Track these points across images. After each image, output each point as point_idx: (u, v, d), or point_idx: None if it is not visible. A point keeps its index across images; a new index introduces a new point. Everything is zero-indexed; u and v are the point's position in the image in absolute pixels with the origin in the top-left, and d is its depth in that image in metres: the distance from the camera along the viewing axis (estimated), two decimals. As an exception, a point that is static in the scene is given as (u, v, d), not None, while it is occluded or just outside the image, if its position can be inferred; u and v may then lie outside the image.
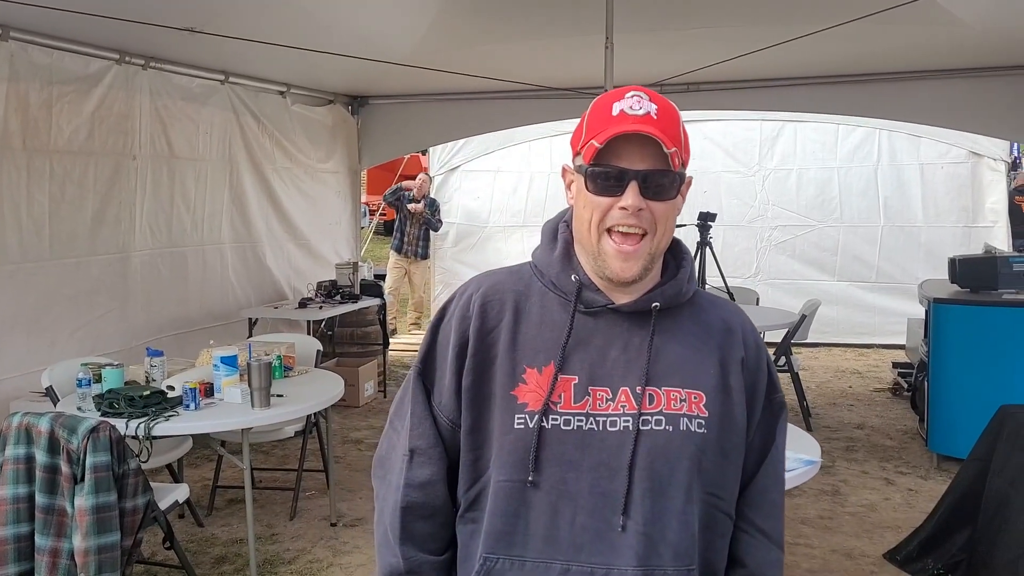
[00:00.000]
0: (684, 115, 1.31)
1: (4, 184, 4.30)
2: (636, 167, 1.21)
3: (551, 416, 1.23)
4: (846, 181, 8.27)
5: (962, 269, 5.06)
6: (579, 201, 1.26)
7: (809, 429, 5.33)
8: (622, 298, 1.27)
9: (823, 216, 8.34)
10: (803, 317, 5.56)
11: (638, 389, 1.23)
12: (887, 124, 7.79)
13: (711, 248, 6.10)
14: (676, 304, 1.29)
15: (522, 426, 1.24)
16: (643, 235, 1.22)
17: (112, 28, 4.29)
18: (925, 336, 5.30)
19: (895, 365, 6.93)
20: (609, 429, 1.23)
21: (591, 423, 1.23)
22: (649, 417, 1.23)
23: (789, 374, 5.66)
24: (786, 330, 5.55)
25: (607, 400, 1.24)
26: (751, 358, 1.32)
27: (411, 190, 8.62)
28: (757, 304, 6.55)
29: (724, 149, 8.48)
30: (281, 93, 6.63)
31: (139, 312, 5.22)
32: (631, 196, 1.21)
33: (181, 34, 4.51)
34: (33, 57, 4.42)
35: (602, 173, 1.22)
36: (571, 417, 1.23)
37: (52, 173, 4.58)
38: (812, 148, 8.35)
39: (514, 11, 4.83)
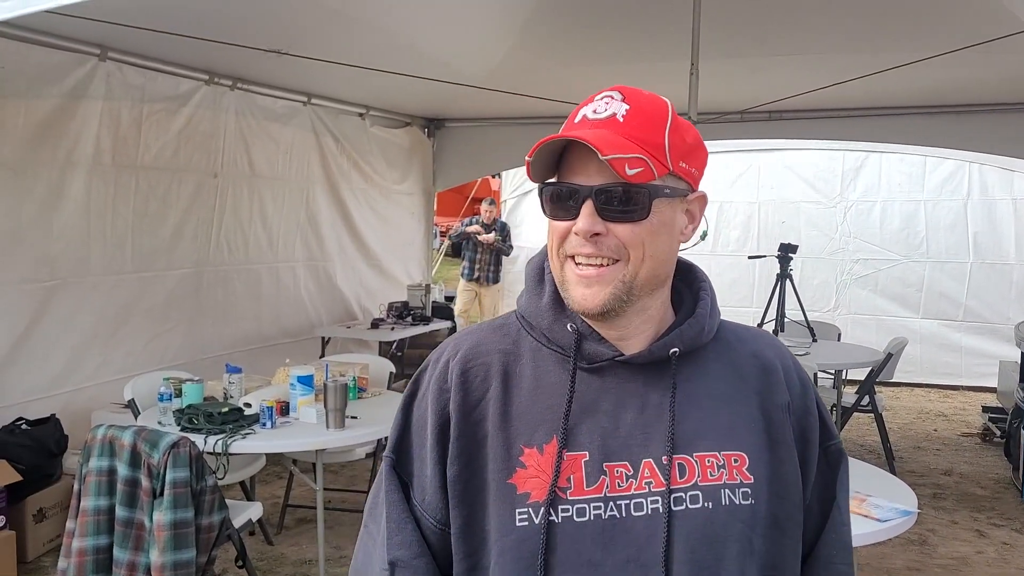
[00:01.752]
0: (766, 143, 1.15)
1: (93, 199, 4.42)
2: (592, 182, 0.97)
3: (560, 507, 0.97)
4: (933, 215, 7.98)
5: (1064, 311, 4.80)
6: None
7: (893, 472, 5.09)
8: (632, 347, 1.02)
9: (908, 251, 8.05)
10: (889, 355, 5.34)
11: (664, 459, 0.98)
12: (978, 157, 7.50)
13: (791, 280, 5.93)
14: (699, 345, 1.05)
15: (525, 523, 0.98)
16: (611, 263, 0.98)
17: (202, 50, 4.40)
18: (1022, 380, 5.03)
19: (985, 409, 6.61)
20: (635, 514, 0.97)
21: (612, 509, 0.97)
22: (683, 494, 0.98)
23: (873, 414, 5.44)
24: (870, 368, 5.33)
25: (628, 478, 0.99)
26: (798, 400, 1.07)
27: (478, 233, 8.57)
28: (839, 340, 6.33)
29: (804, 179, 8.27)
30: (360, 115, 6.70)
31: (211, 326, 5.30)
32: (583, 218, 0.97)
33: (267, 56, 4.59)
34: (128, 77, 4.56)
35: (554, 192, 1.00)
36: (585, 505, 0.98)
37: (138, 188, 4.70)
38: (898, 180, 8.08)
39: (597, 36, 4.79)
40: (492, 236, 8.55)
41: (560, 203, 1.00)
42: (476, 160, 7.88)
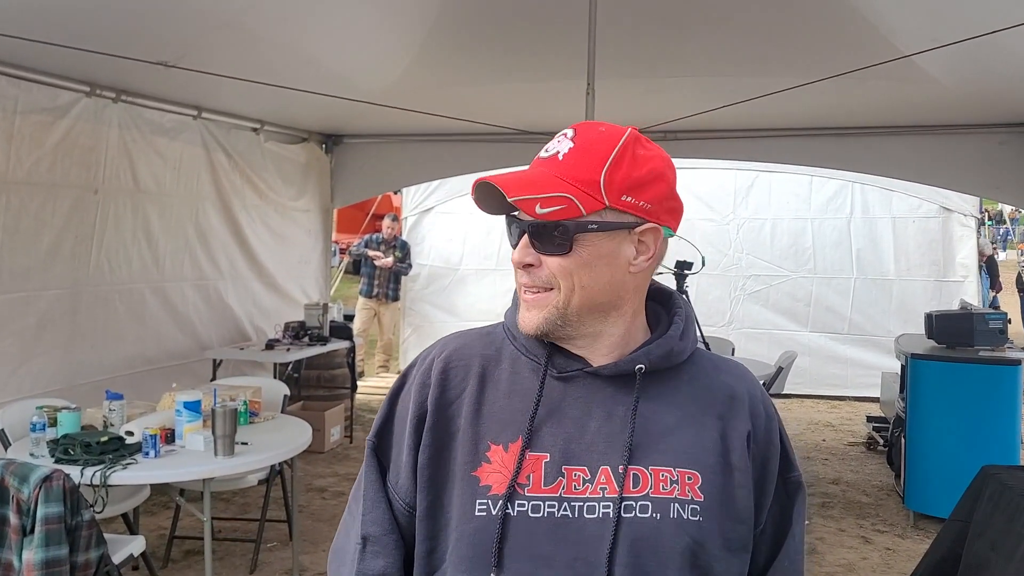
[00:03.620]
0: None
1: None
2: (529, 217, 1.05)
3: (517, 501, 1.05)
4: (820, 232, 8.32)
5: (939, 325, 5.05)
6: None
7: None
8: (601, 360, 1.10)
9: (796, 266, 8.37)
10: (779, 369, 5.51)
11: (620, 468, 1.05)
12: (860, 177, 7.87)
13: (687, 297, 6.05)
14: (668, 366, 1.11)
15: (484, 513, 1.05)
16: (544, 290, 1.07)
17: (84, 60, 4.19)
18: (902, 391, 5.27)
19: (869, 419, 6.90)
20: (587, 516, 1.04)
21: (565, 509, 1.04)
22: (633, 502, 1.04)
23: (765, 426, 5.59)
24: (762, 382, 5.48)
25: (584, 481, 1.05)
26: (761, 431, 1.12)
27: (377, 258, 8.47)
28: (732, 354, 6.49)
29: (699, 197, 8.50)
30: (255, 130, 6.52)
31: (90, 350, 5.01)
32: (517, 250, 1.08)
33: (154, 68, 4.40)
34: (0, 88, 4.29)
35: (505, 225, 1.11)
36: (541, 502, 1.05)
37: (8, 204, 4.42)
38: (786, 198, 8.41)
39: (494, 54, 4.80)
40: (390, 260, 8.45)
41: (510, 235, 1.11)
42: (376, 176, 7.78)
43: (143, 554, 3.50)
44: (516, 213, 1.08)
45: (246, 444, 3.51)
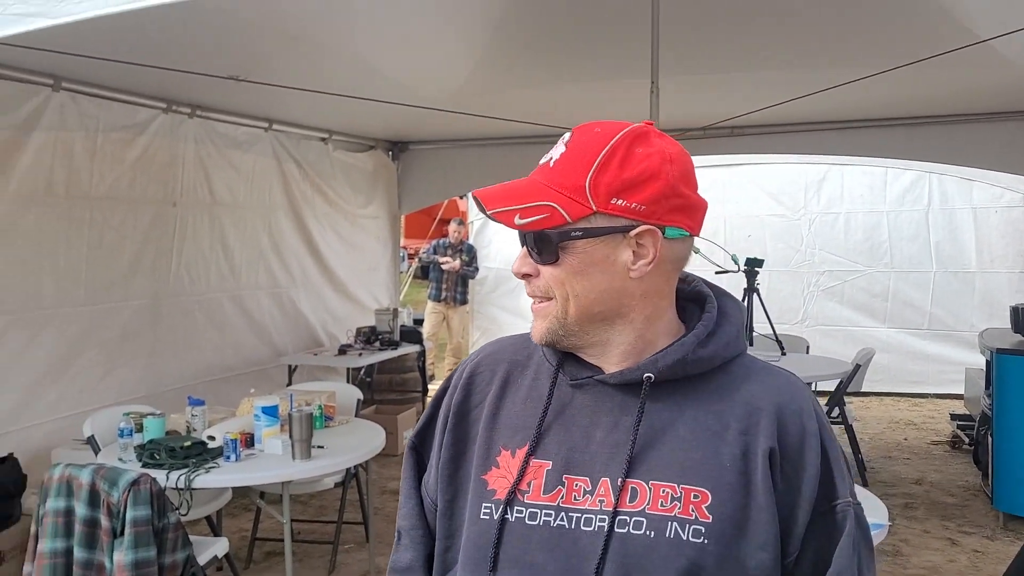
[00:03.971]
0: (729, 158, 1.14)
1: (44, 232, 4.33)
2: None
3: (516, 507, 1.04)
4: (896, 225, 8.08)
5: (1026, 318, 4.86)
6: None
7: (865, 484, 5.11)
8: (613, 368, 1.06)
9: (872, 261, 8.15)
10: (857, 367, 5.38)
11: (619, 481, 1.00)
12: (938, 167, 7.62)
13: (759, 294, 5.95)
14: (686, 374, 1.04)
15: (487, 517, 1.05)
16: (545, 300, 1.05)
17: (160, 78, 4.33)
18: (987, 387, 5.08)
19: (953, 417, 6.67)
20: (583, 528, 1.00)
21: (561, 519, 1.01)
22: (627, 517, 0.99)
23: (843, 426, 5.46)
24: (839, 380, 5.36)
25: (585, 492, 1.02)
26: (791, 448, 1.01)
27: (445, 263, 8.54)
28: (807, 352, 6.36)
29: (768, 193, 8.35)
30: (323, 140, 6.66)
31: (171, 358, 5.19)
32: (516, 261, 1.07)
33: (226, 83, 4.53)
34: (82, 107, 4.48)
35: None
36: (538, 510, 1.03)
37: (92, 220, 4.60)
38: (860, 192, 8.19)
39: (556, 55, 4.80)
40: (457, 263, 8.51)
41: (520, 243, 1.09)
42: (442, 182, 7.85)
43: (226, 555, 3.60)
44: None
45: (322, 448, 3.58)
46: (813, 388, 5.73)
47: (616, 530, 0.99)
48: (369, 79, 4.94)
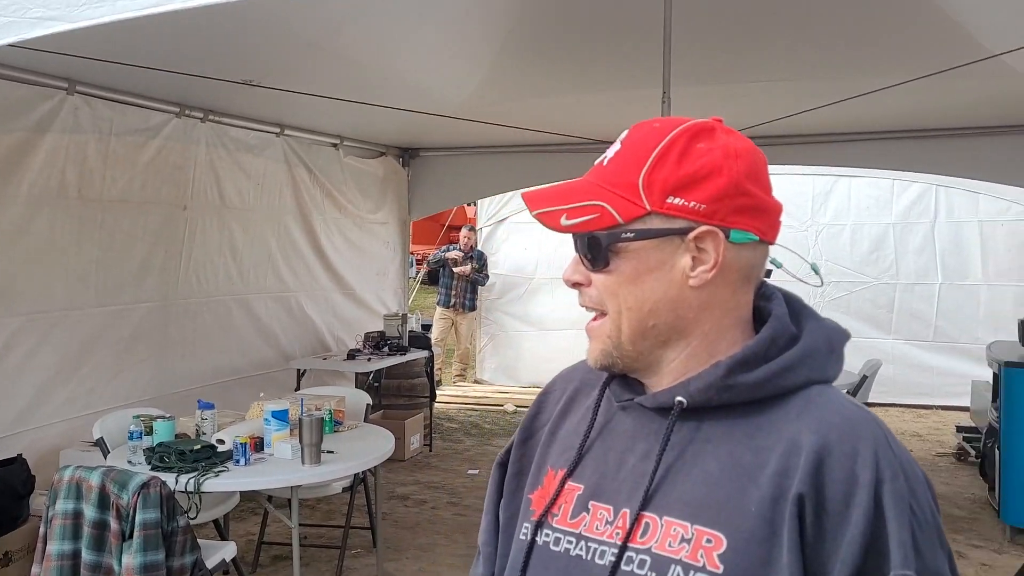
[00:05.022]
0: None
1: (57, 233, 4.35)
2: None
3: (545, 531, 0.99)
4: (902, 237, 8.09)
5: (1034, 331, 4.85)
6: None
7: (871, 495, 5.10)
8: (655, 389, 0.98)
9: (878, 273, 8.15)
10: (864, 378, 5.37)
11: (635, 513, 0.92)
12: (944, 180, 7.62)
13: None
14: (724, 402, 0.91)
15: (524, 537, 1.02)
16: (601, 316, 0.96)
17: (173, 82, 4.36)
18: (995, 400, 5.07)
19: (959, 429, 6.66)
20: (597, 561, 0.93)
21: (580, 548, 0.95)
22: (634, 554, 0.90)
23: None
24: (846, 391, 5.35)
25: (607, 523, 0.94)
26: (831, 499, 0.84)
27: (456, 261, 8.57)
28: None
29: (775, 203, 8.36)
30: (334, 145, 6.68)
31: (180, 360, 5.21)
32: (568, 266, 0.97)
33: (240, 88, 4.56)
34: (96, 110, 4.50)
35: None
36: (562, 536, 0.97)
37: (103, 222, 4.63)
38: (866, 203, 8.20)
39: (568, 64, 4.82)
40: (468, 268, 8.53)
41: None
42: (452, 188, 7.89)
43: (234, 559, 3.60)
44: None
45: (332, 452, 3.59)
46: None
47: (623, 567, 0.90)
48: (381, 86, 4.96)
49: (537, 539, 0.99)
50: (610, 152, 0.96)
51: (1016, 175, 6.23)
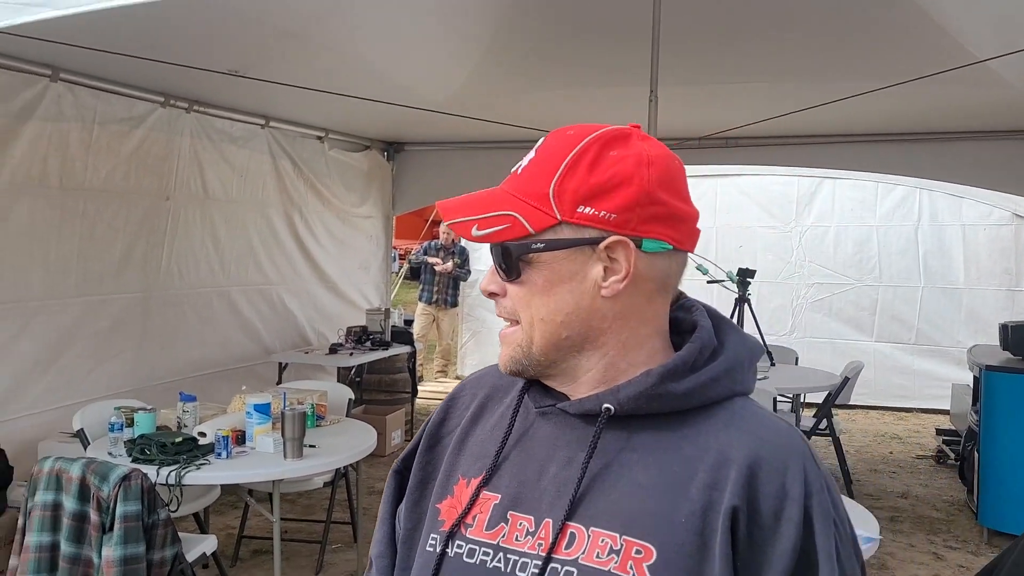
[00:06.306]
0: (722, 169, 0.94)
1: (37, 222, 4.30)
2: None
3: (457, 542, 0.94)
4: (885, 239, 8.14)
5: (1015, 336, 4.90)
6: None
7: (851, 497, 5.13)
8: (581, 396, 0.94)
9: (861, 275, 8.20)
10: (846, 379, 5.40)
11: (559, 524, 0.89)
12: (928, 183, 7.68)
13: (750, 304, 5.98)
14: (653, 411, 0.90)
15: (431, 549, 0.97)
16: (514, 324, 0.95)
17: (159, 71, 4.32)
18: (975, 404, 5.12)
19: (939, 432, 6.72)
20: (518, 573, 0.90)
21: (498, 560, 0.91)
22: (559, 566, 0.87)
23: (831, 438, 5.49)
24: (827, 392, 5.39)
25: (527, 533, 0.91)
26: (762, 512, 0.84)
27: (437, 264, 8.55)
28: (796, 364, 6.39)
29: (760, 204, 8.40)
30: (319, 138, 6.65)
31: (160, 352, 5.16)
32: (485, 276, 0.96)
33: (225, 78, 4.52)
34: (80, 98, 4.45)
35: None
36: (477, 547, 0.93)
37: (85, 211, 4.58)
38: (850, 206, 8.25)
39: (556, 62, 4.81)
40: (450, 265, 8.51)
41: None
42: (437, 184, 7.85)
43: (214, 553, 3.58)
44: None
45: (314, 447, 3.57)
46: (802, 400, 5.75)
47: None
48: (367, 79, 4.94)
49: (448, 550, 0.95)
50: (525, 160, 0.94)
51: (1000, 180, 6.29)
